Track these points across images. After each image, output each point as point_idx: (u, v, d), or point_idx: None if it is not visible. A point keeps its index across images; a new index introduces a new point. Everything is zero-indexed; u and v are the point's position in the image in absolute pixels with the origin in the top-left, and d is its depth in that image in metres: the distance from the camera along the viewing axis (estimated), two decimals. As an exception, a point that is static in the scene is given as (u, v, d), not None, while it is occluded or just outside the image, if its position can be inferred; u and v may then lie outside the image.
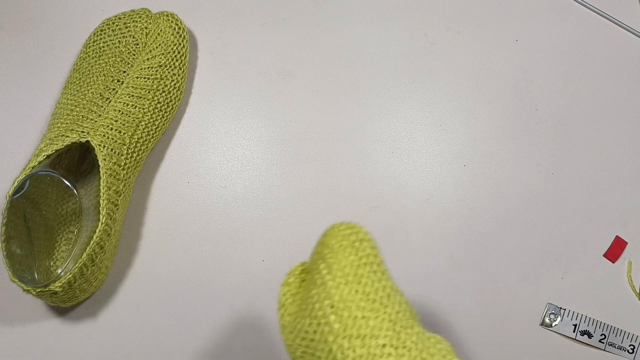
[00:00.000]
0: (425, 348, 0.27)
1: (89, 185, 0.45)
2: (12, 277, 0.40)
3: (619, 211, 0.48)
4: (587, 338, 0.45)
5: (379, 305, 0.28)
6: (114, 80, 0.45)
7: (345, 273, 0.28)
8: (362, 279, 0.28)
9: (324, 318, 0.28)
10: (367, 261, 0.29)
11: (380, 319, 0.27)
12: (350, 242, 0.30)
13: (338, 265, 0.29)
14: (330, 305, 0.28)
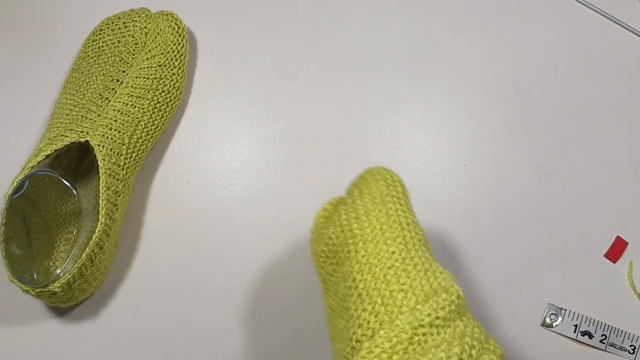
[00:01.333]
0: (431, 269, 0.29)
1: (88, 185, 0.45)
2: (11, 277, 0.40)
3: (619, 211, 0.48)
4: (587, 338, 0.45)
5: (398, 225, 0.31)
6: (114, 80, 0.45)
7: (374, 196, 0.32)
8: (387, 204, 0.31)
9: (348, 225, 0.31)
10: (396, 195, 0.32)
11: (396, 234, 0.30)
12: (384, 179, 0.33)
13: (368, 190, 0.32)
14: (355, 217, 0.31)
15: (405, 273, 0.28)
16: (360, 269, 0.29)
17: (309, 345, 0.44)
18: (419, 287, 0.28)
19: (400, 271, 0.28)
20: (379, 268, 0.29)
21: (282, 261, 0.46)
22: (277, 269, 0.46)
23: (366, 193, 0.32)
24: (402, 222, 0.31)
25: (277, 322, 0.45)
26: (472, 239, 0.47)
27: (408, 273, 0.28)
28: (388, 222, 0.30)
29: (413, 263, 0.29)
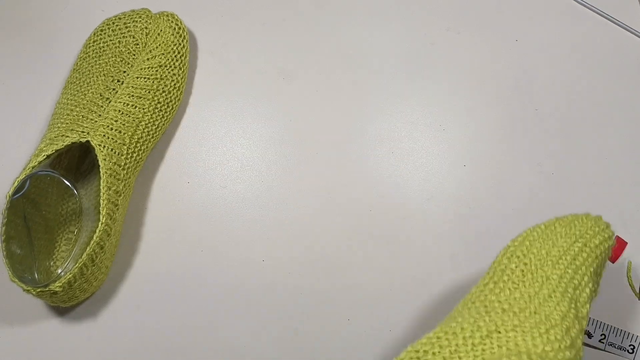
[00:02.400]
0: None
1: (89, 185, 0.45)
2: (12, 277, 0.40)
3: (619, 211, 0.48)
4: (587, 338, 0.45)
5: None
6: (114, 80, 0.45)
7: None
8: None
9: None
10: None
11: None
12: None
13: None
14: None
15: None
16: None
17: (309, 345, 0.44)
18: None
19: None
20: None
21: (282, 261, 0.46)
22: (277, 269, 0.46)
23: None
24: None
25: (277, 322, 0.45)
26: (472, 239, 0.47)
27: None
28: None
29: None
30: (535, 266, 0.32)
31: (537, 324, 0.28)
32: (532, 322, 0.28)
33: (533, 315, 0.29)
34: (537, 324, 0.28)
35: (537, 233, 0.35)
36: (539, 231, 0.34)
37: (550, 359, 0.26)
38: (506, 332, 0.27)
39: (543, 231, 0.33)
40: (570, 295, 0.30)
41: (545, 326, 0.28)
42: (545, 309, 0.29)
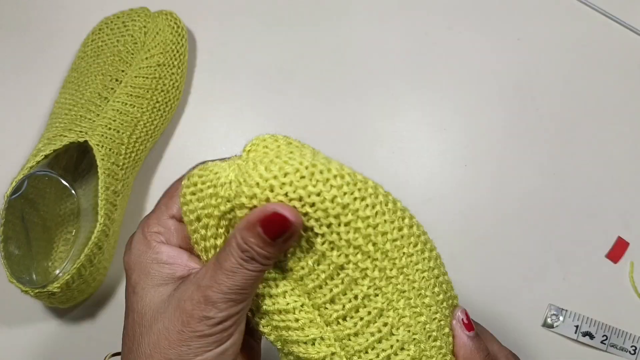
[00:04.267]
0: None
1: (87, 185, 0.45)
2: (10, 277, 0.40)
3: (621, 212, 0.48)
4: (588, 339, 0.45)
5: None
6: (113, 79, 0.45)
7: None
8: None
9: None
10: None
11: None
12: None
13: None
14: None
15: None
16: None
17: None
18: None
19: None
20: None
21: (282, 261, 0.46)
22: (276, 269, 0.46)
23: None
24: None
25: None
26: (473, 239, 0.47)
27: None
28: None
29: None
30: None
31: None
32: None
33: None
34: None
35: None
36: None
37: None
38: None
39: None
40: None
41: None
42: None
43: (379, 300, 0.26)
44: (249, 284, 0.25)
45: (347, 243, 0.25)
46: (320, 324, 0.26)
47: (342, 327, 0.26)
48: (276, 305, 0.26)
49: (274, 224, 0.24)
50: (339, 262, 0.25)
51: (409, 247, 0.27)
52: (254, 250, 0.24)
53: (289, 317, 0.26)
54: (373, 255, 0.26)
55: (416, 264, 0.27)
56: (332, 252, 0.25)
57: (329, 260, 0.25)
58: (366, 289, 0.26)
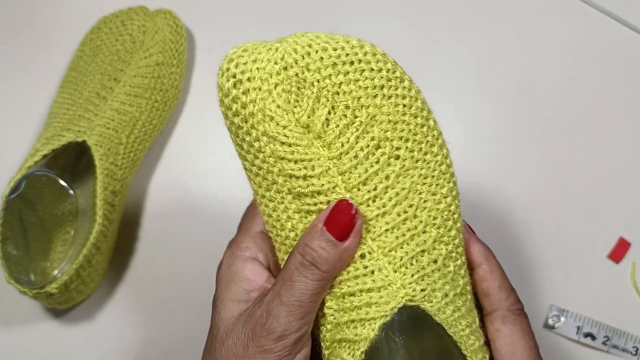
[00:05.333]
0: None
1: (85, 185, 0.45)
2: (9, 278, 0.39)
3: (622, 212, 0.48)
4: (590, 340, 0.45)
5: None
6: (111, 78, 0.45)
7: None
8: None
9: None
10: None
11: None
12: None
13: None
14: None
15: None
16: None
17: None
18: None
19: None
20: None
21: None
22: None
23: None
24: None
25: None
26: (474, 240, 0.47)
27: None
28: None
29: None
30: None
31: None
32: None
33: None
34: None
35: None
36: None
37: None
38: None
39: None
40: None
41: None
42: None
43: (406, 182, 0.27)
44: (308, 295, 0.25)
45: (387, 118, 0.26)
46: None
47: (371, 208, 0.26)
48: (310, 187, 0.26)
49: (338, 214, 0.25)
50: (379, 138, 0.26)
51: (432, 138, 0.28)
52: (315, 252, 0.24)
53: (321, 199, 0.26)
54: (406, 136, 0.27)
55: (436, 155, 0.28)
56: (373, 128, 0.26)
57: (370, 136, 0.26)
58: (397, 169, 0.27)
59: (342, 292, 0.26)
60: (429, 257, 0.26)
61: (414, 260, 0.26)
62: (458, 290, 0.27)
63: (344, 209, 0.25)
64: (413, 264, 0.26)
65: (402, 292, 0.26)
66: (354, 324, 0.26)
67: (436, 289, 0.26)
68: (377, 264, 0.26)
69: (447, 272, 0.27)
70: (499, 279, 0.30)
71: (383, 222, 0.26)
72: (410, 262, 0.26)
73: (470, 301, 0.28)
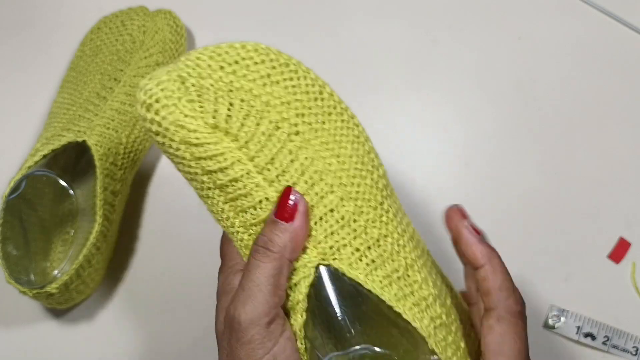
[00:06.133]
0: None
1: (85, 185, 0.45)
2: (9, 278, 0.40)
3: (622, 212, 0.48)
4: (590, 340, 0.45)
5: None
6: (111, 78, 0.45)
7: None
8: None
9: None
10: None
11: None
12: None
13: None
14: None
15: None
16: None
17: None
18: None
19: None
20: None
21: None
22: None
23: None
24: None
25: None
26: (474, 240, 0.47)
27: None
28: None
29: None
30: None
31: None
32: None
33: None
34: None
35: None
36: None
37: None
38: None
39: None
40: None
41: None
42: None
43: (309, 151, 0.30)
44: (265, 278, 0.27)
45: (279, 101, 0.30)
46: (264, 186, 0.29)
47: (282, 181, 0.29)
48: (227, 177, 0.29)
49: (283, 199, 0.28)
50: (276, 120, 0.29)
51: (328, 107, 0.32)
52: (266, 237, 0.27)
53: (239, 186, 0.29)
54: (300, 111, 0.30)
55: (335, 122, 0.32)
56: (269, 113, 0.29)
57: (267, 120, 0.29)
58: (299, 142, 0.30)
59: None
60: (337, 215, 0.29)
61: (322, 222, 0.29)
62: (371, 242, 0.29)
63: (286, 194, 0.28)
64: (322, 224, 0.29)
65: (315, 252, 0.28)
66: (290, 291, 0.28)
67: (346, 244, 0.28)
68: None
69: (357, 227, 0.29)
70: (500, 280, 0.31)
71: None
72: (320, 223, 0.29)
73: (391, 251, 0.30)
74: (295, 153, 0.29)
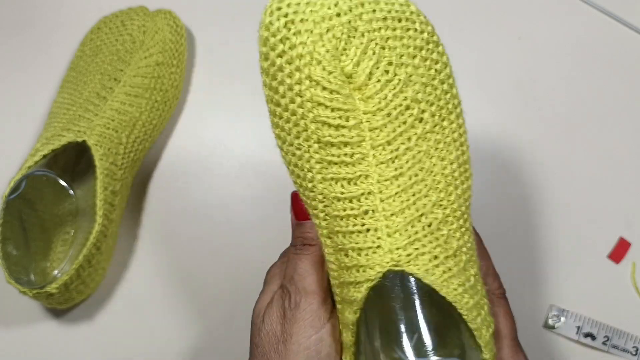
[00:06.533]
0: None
1: (85, 185, 0.45)
2: (9, 278, 0.39)
3: (623, 212, 0.48)
4: (590, 340, 0.44)
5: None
6: (111, 78, 0.45)
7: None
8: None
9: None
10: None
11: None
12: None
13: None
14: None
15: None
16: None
17: None
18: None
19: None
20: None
21: (282, 262, 0.46)
22: (276, 269, 0.46)
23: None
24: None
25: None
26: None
27: None
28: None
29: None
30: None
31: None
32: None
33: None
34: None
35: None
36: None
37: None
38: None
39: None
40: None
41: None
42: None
43: (424, 145, 0.28)
44: (310, 266, 0.30)
45: (420, 80, 0.27)
46: (372, 163, 0.27)
47: (390, 168, 0.27)
48: (340, 137, 0.26)
49: (295, 203, 0.30)
50: (411, 98, 0.27)
51: (453, 106, 0.30)
52: (301, 238, 0.31)
53: (346, 151, 0.26)
54: (432, 100, 0.28)
55: (452, 122, 0.30)
56: (408, 88, 0.27)
57: (404, 96, 0.27)
58: (420, 131, 0.27)
59: (338, 247, 0.28)
60: (425, 220, 0.27)
61: (409, 226, 0.27)
62: (450, 252, 0.27)
63: (297, 199, 0.30)
64: (408, 229, 0.27)
65: (388, 257, 0.26)
66: (348, 287, 0.27)
67: (425, 252, 0.27)
68: (375, 224, 0.27)
69: (440, 236, 0.27)
70: (486, 265, 0.33)
71: (395, 185, 0.27)
72: (405, 228, 0.27)
73: (465, 262, 0.28)
74: (413, 142, 0.27)
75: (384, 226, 0.27)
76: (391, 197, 0.27)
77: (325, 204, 0.27)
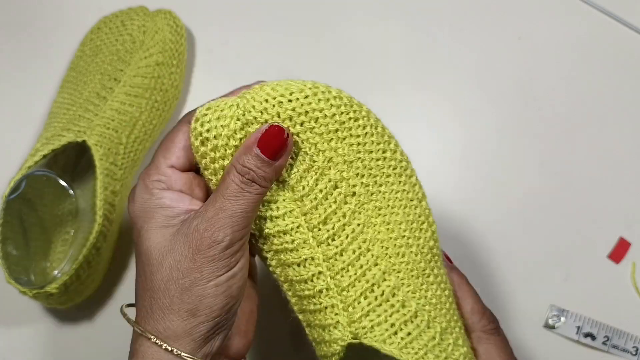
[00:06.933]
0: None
1: (85, 185, 0.45)
2: (9, 278, 0.39)
3: (623, 212, 0.48)
4: (590, 340, 0.44)
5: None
6: (111, 78, 0.45)
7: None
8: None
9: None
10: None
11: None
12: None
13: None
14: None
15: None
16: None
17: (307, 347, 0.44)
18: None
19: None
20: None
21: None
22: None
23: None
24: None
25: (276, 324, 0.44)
26: (474, 239, 0.47)
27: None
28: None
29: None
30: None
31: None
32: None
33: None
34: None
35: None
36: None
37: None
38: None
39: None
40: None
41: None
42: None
43: (361, 217, 0.29)
44: (252, 207, 0.27)
45: (342, 159, 0.28)
46: (313, 245, 0.28)
47: (330, 246, 0.28)
48: (276, 227, 0.28)
49: (270, 138, 0.27)
50: (335, 179, 0.28)
51: (388, 168, 0.30)
52: (253, 172, 0.27)
53: (287, 239, 0.28)
54: (361, 172, 0.29)
55: (392, 185, 0.30)
56: (330, 170, 0.28)
57: (327, 178, 0.28)
58: (353, 206, 0.29)
59: (309, 322, 0.29)
60: (378, 290, 0.28)
61: (361, 299, 0.28)
62: (408, 316, 0.28)
63: (277, 133, 0.27)
64: (361, 302, 0.28)
65: (347, 332, 0.28)
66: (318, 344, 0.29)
67: (381, 322, 0.28)
68: (331, 301, 0.28)
69: (395, 302, 0.28)
70: (471, 304, 0.32)
71: (340, 261, 0.28)
72: (358, 300, 0.28)
73: (429, 320, 0.29)
74: (348, 217, 0.28)
75: (339, 302, 0.28)
76: (338, 273, 0.28)
77: (288, 286, 0.29)
